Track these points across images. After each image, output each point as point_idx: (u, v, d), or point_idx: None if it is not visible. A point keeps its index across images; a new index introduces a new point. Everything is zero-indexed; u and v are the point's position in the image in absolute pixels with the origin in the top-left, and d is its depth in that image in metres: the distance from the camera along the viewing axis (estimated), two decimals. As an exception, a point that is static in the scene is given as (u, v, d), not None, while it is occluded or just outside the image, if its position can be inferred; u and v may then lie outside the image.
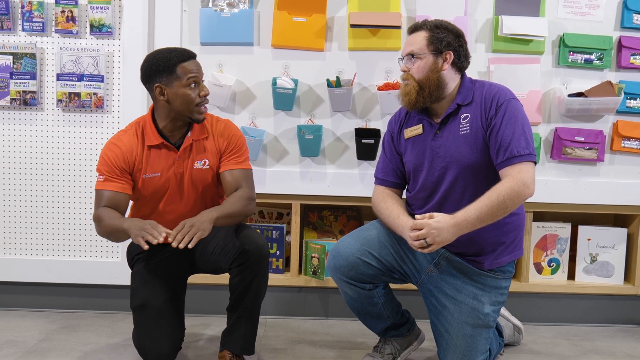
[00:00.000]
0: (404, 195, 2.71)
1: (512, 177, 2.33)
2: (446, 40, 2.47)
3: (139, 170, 2.59)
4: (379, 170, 2.72)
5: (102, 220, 2.49)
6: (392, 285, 2.71)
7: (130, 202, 2.68)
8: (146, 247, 2.30)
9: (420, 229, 2.32)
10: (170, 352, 2.54)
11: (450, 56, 2.48)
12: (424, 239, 2.31)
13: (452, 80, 2.51)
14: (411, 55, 2.50)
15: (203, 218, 2.40)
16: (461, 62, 2.52)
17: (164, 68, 2.50)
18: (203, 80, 2.59)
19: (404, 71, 2.53)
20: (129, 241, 2.83)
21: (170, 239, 2.32)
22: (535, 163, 2.39)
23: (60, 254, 3.36)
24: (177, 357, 2.67)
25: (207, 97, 2.58)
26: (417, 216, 2.38)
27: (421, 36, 2.50)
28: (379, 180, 2.71)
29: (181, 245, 2.29)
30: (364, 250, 2.54)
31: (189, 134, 2.63)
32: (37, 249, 3.36)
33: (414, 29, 2.55)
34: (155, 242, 2.29)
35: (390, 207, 2.57)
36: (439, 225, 2.30)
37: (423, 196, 2.57)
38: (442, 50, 2.47)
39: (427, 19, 2.57)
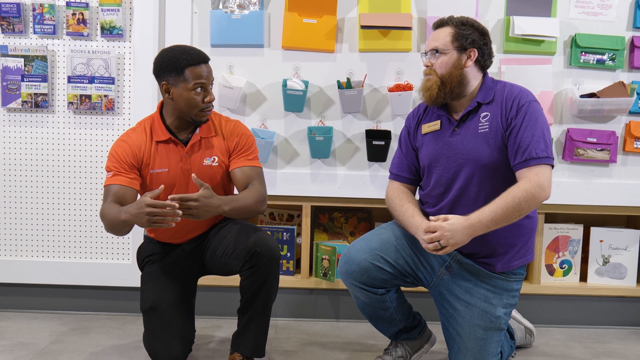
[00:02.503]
0: (417, 196, 2.70)
1: (528, 179, 2.32)
2: (471, 37, 2.47)
3: (147, 165, 2.60)
4: (394, 166, 2.72)
5: (105, 216, 2.46)
6: (402, 287, 2.70)
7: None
8: (173, 225, 2.31)
9: (434, 232, 2.31)
10: (180, 355, 2.55)
11: (475, 54, 2.48)
12: (438, 241, 2.30)
13: (474, 78, 2.51)
14: (435, 50, 2.50)
15: (212, 207, 2.38)
16: (484, 61, 2.52)
17: (173, 68, 2.51)
18: (212, 85, 2.59)
19: (427, 66, 2.52)
20: (139, 242, 2.85)
21: (169, 199, 2.32)
22: (552, 166, 2.38)
23: (71, 256, 3.37)
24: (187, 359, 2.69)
25: (212, 103, 2.58)
26: (431, 218, 2.37)
27: (446, 32, 2.50)
28: (394, 176, 2.71)
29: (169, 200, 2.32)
30: (376, 255, 2.52)
31: (197, 131, 2.63)
32: (49, 251, 3.37)
33: (439, 24, 2.55)
34: (173, 225, 2.31)
35: (405, 205, 2.56)
36: (453, 228, 2.29)
37: (437, 193, 2.55)
38: (466, 47, 2.47)
39: (453, 15, 2.55)
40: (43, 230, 3.36)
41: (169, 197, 2.32)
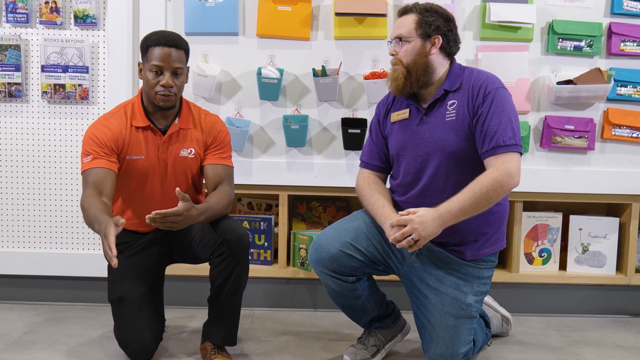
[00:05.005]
0: (388, 185, 2.68)
1: (495, 167, 2.30)
2: (435, 24, 2.44)
3: (125, 151, 2.57)
4: (365, 154, 2.70)
5: (84, 210, 2.41)
6: (376, 276, 2.68)
7: None
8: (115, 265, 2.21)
9: (404, 226, 2.29)
10: (150, 344, 2.54)
11: (439, 40, 2.45)
12: (410, 235, 2.28)
13: (440, 65, 2.48)
14: (399, 38, 2.47)
15: (191, 218, 2.37)
16: (450, 47, 2.49)
17: (142, 47, 2.56)
18: (177, 73, 2.54)
19: (392, 55, 2.50)
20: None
21: (151, 215, 2.28)
22: (521, 153, 2.36)
23: (47, 246, 3.35)
24: (158, 349, 2.66)
25: (171, 90, 2.52)
26: (400, 213, 2.35)
27: (410, 19, 2.47)
28: (364, 164, 2.69)
29: (147, 221, 2.30)
30: (346, 243, 2.50)
31: (176, 121, 2.62)
32: (24, 242, 3.35)
33: (403, 11, 2.52)
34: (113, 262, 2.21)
35: (375, 195, 2.54)
36: (423, 220, 2.28)
37: (406, 182, 2.53)
38: (430, 34, 2.44)
39: (418, 2, 2.53)
40: (17, 221, 3.34)
41: (153, 212, 2.28)
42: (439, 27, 2.45)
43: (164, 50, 2.49)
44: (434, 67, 2.46)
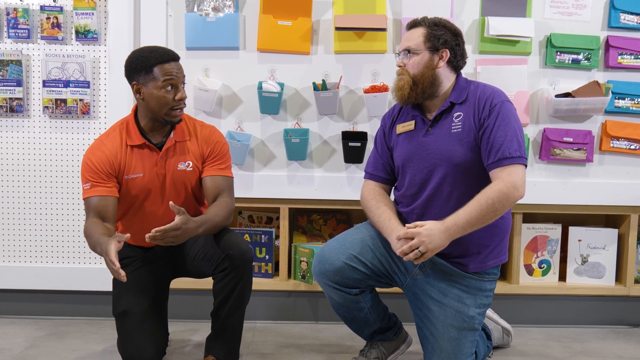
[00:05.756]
0: (392, 197, 2.70)
1: (501, 179, 2.32)
2: (443, 38, 2.48)
3: (122, 172, 2.57)
4: (370, 165, 2.72)
5: (87, 237, 2.44)
6: (379, 288, 2.69)
7: None
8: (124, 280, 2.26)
9: (412, 238, 2.31)
10: (153, 358, 2.53)
11: (447, 54, 2.48)
12: (417, 248, 2.30)
13: (447, 78, 2.51)
14: (407, 50, 2.50)
15: (190, 231, 2.37)
16: (457, 61, 2.52)
17: (142, 67, 2.50)
18: (184, 84, 2.56)
19: (400, 66, 2.53)
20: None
21: (151, 233, 2.29)
22: (525, 166, 2.38)
23: (48, 261, 3.35)
24: (161, 364, 2.67)
25: (184, 101, 2.55)
26: (407, 226, 2.36)
27: (419, 32, 2.50)
28: (369, 175, 2.71)
29: (148, 240, 2.30)
30: (349, 255, 2.51)
31: (172, 134, 2.61)
32: (25, 256, 3.35)
33: (412, 24, 2.56)
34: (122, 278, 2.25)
35: (382, 207, 2.56)
36: (430, 233, 2.29)
37: (411, 193, 2.55)
38: (438, 47, 2.47)
39: (427, 16, 2.56)
40: (20, 235, 3.34)
41: (153, 230, 2.29)
42: (447, 41, 2.48)
43: (170, 65, 2.51)
44: (440, 80, 2.49)
